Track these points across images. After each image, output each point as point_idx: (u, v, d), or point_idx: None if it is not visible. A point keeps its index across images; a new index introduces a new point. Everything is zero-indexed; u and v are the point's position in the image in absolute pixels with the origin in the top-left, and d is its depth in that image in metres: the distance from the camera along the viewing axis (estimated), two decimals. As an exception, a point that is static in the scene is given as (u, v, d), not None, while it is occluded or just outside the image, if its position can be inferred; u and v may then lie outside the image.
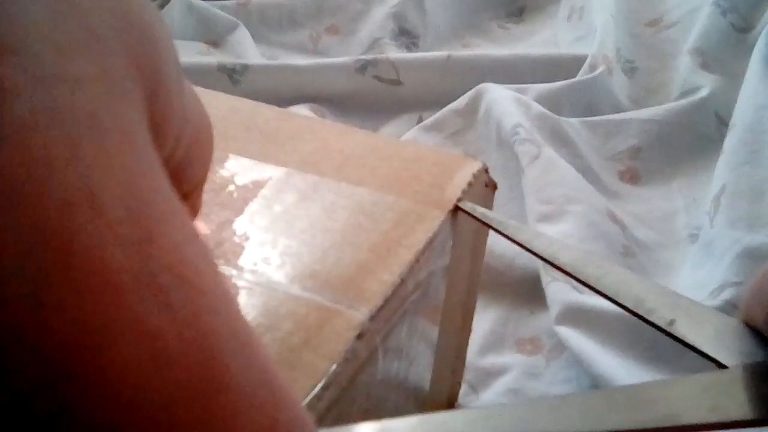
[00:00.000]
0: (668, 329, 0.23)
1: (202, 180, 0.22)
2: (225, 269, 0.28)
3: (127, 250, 0.11)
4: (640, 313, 0.24)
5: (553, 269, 0.50)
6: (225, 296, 0.13)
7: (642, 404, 0.20)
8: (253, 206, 0.32)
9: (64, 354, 0.11)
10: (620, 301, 0.25)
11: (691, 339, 0.22)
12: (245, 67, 0.74)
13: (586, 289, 0.49)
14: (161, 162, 0.13)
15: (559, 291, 0.49)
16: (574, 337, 0.47)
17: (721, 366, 0.21)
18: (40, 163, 0.11)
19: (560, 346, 0.48)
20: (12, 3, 0.11)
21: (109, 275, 0.11)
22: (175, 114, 0.15)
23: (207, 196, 0.32)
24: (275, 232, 0.30)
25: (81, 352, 0.11)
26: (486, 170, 0.36)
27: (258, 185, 0.33)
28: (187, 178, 0.18)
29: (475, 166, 0.35)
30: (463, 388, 0.46)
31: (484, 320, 0.51)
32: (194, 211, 0.22)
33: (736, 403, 0.19)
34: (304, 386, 0.24)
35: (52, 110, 0.11)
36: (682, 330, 0.23)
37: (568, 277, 0.41)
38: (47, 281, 0.11)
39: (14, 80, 0.11)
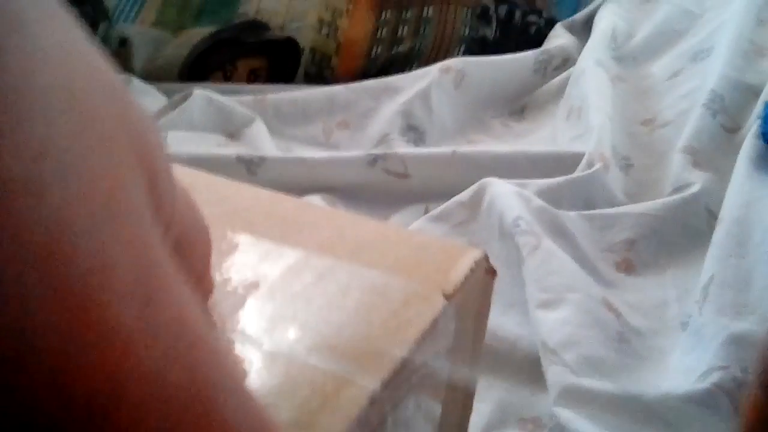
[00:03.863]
0: None
1: (201, 279, 0.25)
2: (248, 339, 0.31)
3: (135, 309, 0.14)
4: None
5: (552, 353, 0.53)
6: (221, 348, 0.16)
7: None
8: (275, 284, 0.35)
9: (85, 394, 0.13)
10: None
11: None
12: (262, 160, 0.79)
13: (583, 372, 0.52)
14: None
15: (557, 374, 0.52)
16: (572, 418, 0.49)
17: None
18: (67, 238, 0.14)
19: (560, 427, 0.50)
20: (43, 115, 0.14)
21: (120, 329, 0.14)
22: (165, 203, 0.18)
23: (232, 274, 0.35)
24: (295, 309, 0.33)
25: (99, 391, 0.13)
26: (486, 258, 0.39)
27: (279, 266, 0.36)
28: (183, 269, 0.22)
29: (476, 255, 0.38)
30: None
31: (488, 400, 0.54)
32: (204, 297, 0.26)
33: None
34: (321, 447, 0.26)
35: (77, 198, 0.14)
36: None
37: (566, 361, 0.43)
38: (69, 334, 0.13)
39: (46, 178, 0.14)
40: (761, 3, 0.89)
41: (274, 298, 0.34)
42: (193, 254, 0.22)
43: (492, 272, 0.40)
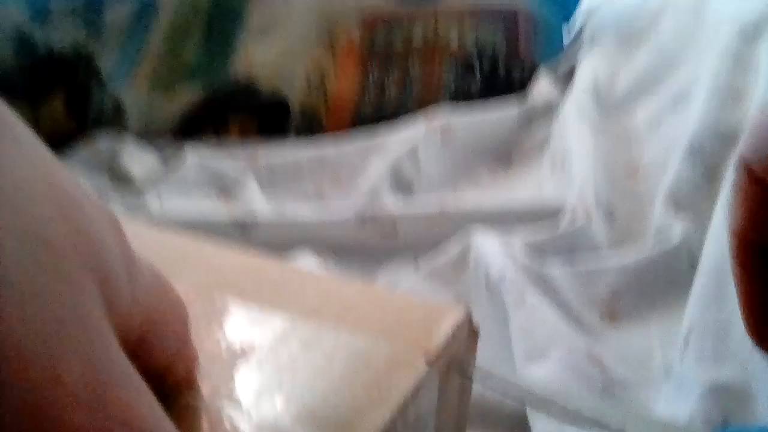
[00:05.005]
0: None
1: (180, 352, 0.27)
2: (235, 410, 0.33)
3: (87, 412, 0.16)
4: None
5: (540, 410, 0.54)
6: None
7: None
8: (262, 353, 0.36)
9: None
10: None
11: None
12: (255, 223, 0.81)
13: (569, 427, 0.52)
14: (119, 341, 0.19)
15: (544, 427, 0.53)
16: (559, 472, 0.50)
17: None
18: (14, 358, 0.16)
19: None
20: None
21: (71, 430, 0.16)
22: (121, 299, 0.20)
23: (221, 342, 0.37)
24: (281, 378, 0.35)
25: None
26: (469, 319, 0.40)
27: (266, 333, 0.38)
28: (156, 349, 0.24)
29: (458, 315, 0.40)
30: None
31: (476, 456, 0.55)
32: (189, 382, 0.28)
33: None
34: None
35: (27, 322, 0.16)
36: None
37: (552, 418, 0.44)
38: None
39: (1, 304, 0.16)
40: (739, 43, 0.90)
41: (262, 367, 0.35)
42: (165, 332, 0.24)
43: (474, 332, 0.41)
